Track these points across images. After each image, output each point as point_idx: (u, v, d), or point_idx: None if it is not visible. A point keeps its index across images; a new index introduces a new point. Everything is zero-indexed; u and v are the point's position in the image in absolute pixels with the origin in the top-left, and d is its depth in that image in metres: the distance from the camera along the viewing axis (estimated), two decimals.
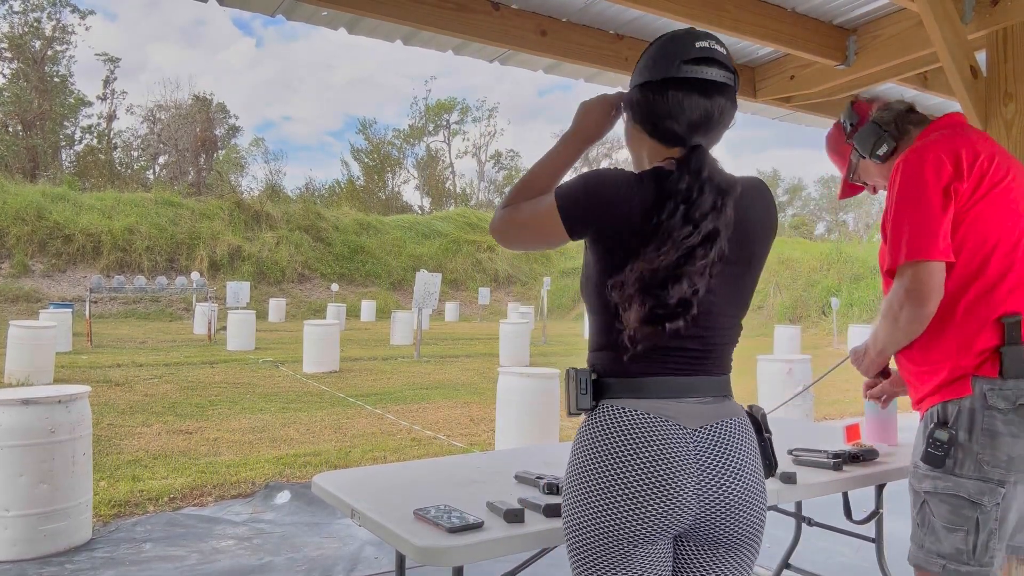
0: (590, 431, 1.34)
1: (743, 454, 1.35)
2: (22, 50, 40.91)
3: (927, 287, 1.66)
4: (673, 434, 1.30)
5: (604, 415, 1.33)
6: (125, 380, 10.21)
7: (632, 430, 1.30)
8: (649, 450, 1.28)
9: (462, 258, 35.88)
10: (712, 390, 1.37)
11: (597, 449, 1.31)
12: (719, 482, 1.31)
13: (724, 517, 1.32)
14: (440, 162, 56.97)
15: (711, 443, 1.32)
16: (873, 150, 1.95)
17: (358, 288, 31.19)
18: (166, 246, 28.19)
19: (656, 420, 1.30)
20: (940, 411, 1.75)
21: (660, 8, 2.85)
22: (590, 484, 1.30)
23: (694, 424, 1.32)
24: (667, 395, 1.33)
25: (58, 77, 43.21)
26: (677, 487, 1.28)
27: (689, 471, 1.29)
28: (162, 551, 3.79)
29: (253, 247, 30.20)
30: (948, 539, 1.73)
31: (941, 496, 1.73)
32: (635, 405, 1.32)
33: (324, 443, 6.51)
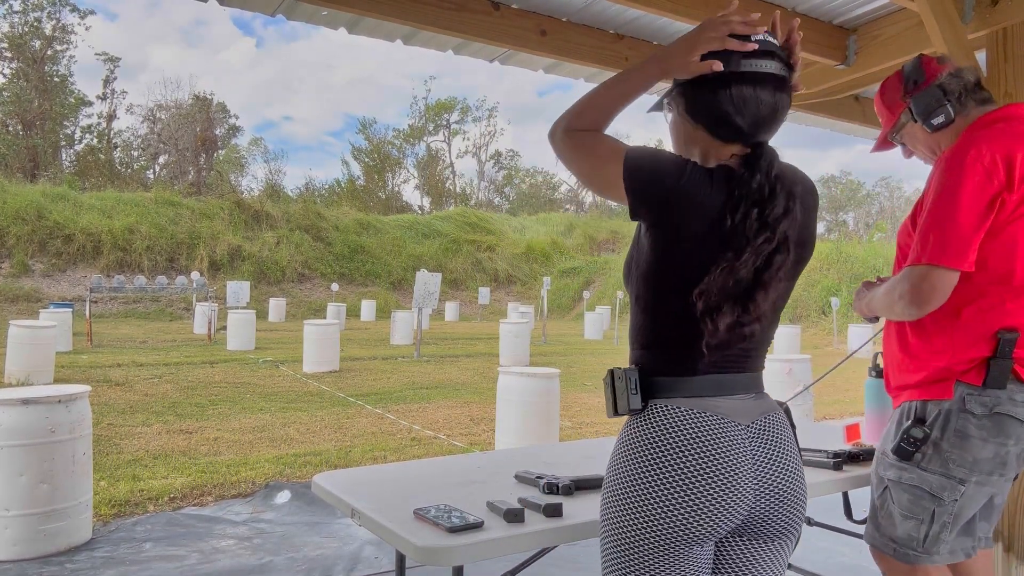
0: (643, 432, 1.31)
1: (788, 445, 1.37)
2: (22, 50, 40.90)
3: (932, 293, 1.65)
4: (731, 431, 1.29)
5: (657, 415, 1.30)
6: (125, 380, 10.21)
7: (690, 430, 1.27)
8: (709, 450, 1.26)
9: (462, 258, 35.88)
10: (755, 386, 1.38)
11: (653, 450, 1.28)
12: (772, 475, 1.32)
13: (775, 509, 1.33)
14: (440, 162, 56.99)
15: (763, 437, 1.33)
16: (928, 117, 1.83)
17: (358, 288, 31.19)
18: (166, 246, 28.19)
19: (712, 418, 1.28)
20: (919, 408, 1.78)
21: (660, 8, 2.85)
22: (646, 487, 1.27)
23: (747, 420, 1.32)
24: (717, 392, 1.32)
25: (58, 77, 43.21)
26: (737, 484, 1.27)
27: (746, 467, 1.29)
28: (162, 551, 3.79)
29: (253, 247, 30.20)
30: (903, 525, 1.78)
31: (904, 486, 1.78)
32: (689, 404, 1.30)
33: (324, 443, 6.51)
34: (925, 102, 1.83)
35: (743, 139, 1.32)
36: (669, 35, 3.50)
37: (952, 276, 1.64)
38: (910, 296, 1.67)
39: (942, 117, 1.82)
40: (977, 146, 1.68)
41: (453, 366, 13.11)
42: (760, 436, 1.32)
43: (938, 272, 1.64)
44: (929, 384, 1.76)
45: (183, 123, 47.61)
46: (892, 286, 1.75)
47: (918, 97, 1.85)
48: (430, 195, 55.56)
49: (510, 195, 60.51)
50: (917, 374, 1.79)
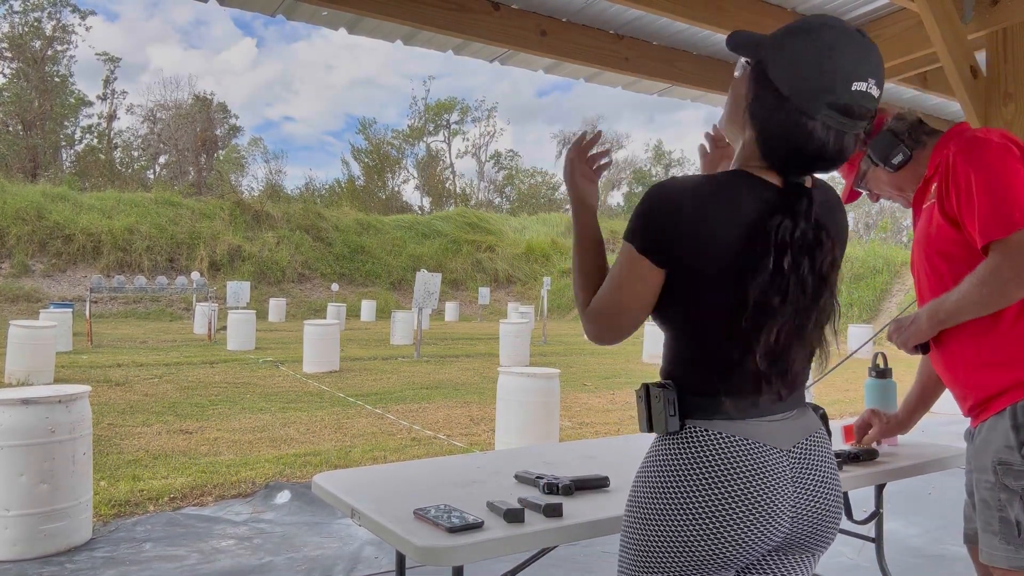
0: (678, 455, 1.26)
1: (829, 466, 1.33)
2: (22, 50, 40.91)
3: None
4: (771, 459, 1.25)
5: (695, 439, 1.26)
6: (125, 380, 10.21)
7: (729, 457, 1.23)
8: (748, 479, 1.22)
9: (462, 258, 35.88)
10: (796, 402, 1.34)
11: (689, 476, 1.24)
12: (812, 497, 1.29)
13: (810, 528, 1.30)
14: (440, 162, 57.01)
15: (804, 462, 1.29)
16: (888, 159, 1.94)
17: (358, 288, 31.20)
18: (166, 246, 28.20)
19: (753, 446, 1.24)
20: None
21: (660, 8, 2.85)
22: (679, 511, 1.23)
23: (788, 443, 1.28)
24: (758, 414, 1.27)
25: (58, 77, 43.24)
26: (775, 512, 1.24)
27: (786, 493, 1.25)
28: (162, 551, 3.79)
29: (253, 247, 30.20)
30: None
31: None
32: (729, 429, 1.25)
33: (324, 443, 6.51)
34: (881, 147, 1.94)
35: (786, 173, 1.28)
36: (669, 35, 3.50)
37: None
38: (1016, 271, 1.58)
39: (900, 156, 1.93)
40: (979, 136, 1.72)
41: (453, 366, 13.11)
42: (801, 461, 1.29)
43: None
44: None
45: (183, 123, 47.63)
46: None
47: (873, 144, 1.95)
48: (430, 195, 55.58)
49: (510, 195, 60.54)
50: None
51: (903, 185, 1.98)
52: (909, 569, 3.57)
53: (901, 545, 3.92)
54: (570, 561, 3.51)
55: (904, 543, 3.96)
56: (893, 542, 3.84)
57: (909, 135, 1.93)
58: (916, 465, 2.23)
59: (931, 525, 4.23)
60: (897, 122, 1.96)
